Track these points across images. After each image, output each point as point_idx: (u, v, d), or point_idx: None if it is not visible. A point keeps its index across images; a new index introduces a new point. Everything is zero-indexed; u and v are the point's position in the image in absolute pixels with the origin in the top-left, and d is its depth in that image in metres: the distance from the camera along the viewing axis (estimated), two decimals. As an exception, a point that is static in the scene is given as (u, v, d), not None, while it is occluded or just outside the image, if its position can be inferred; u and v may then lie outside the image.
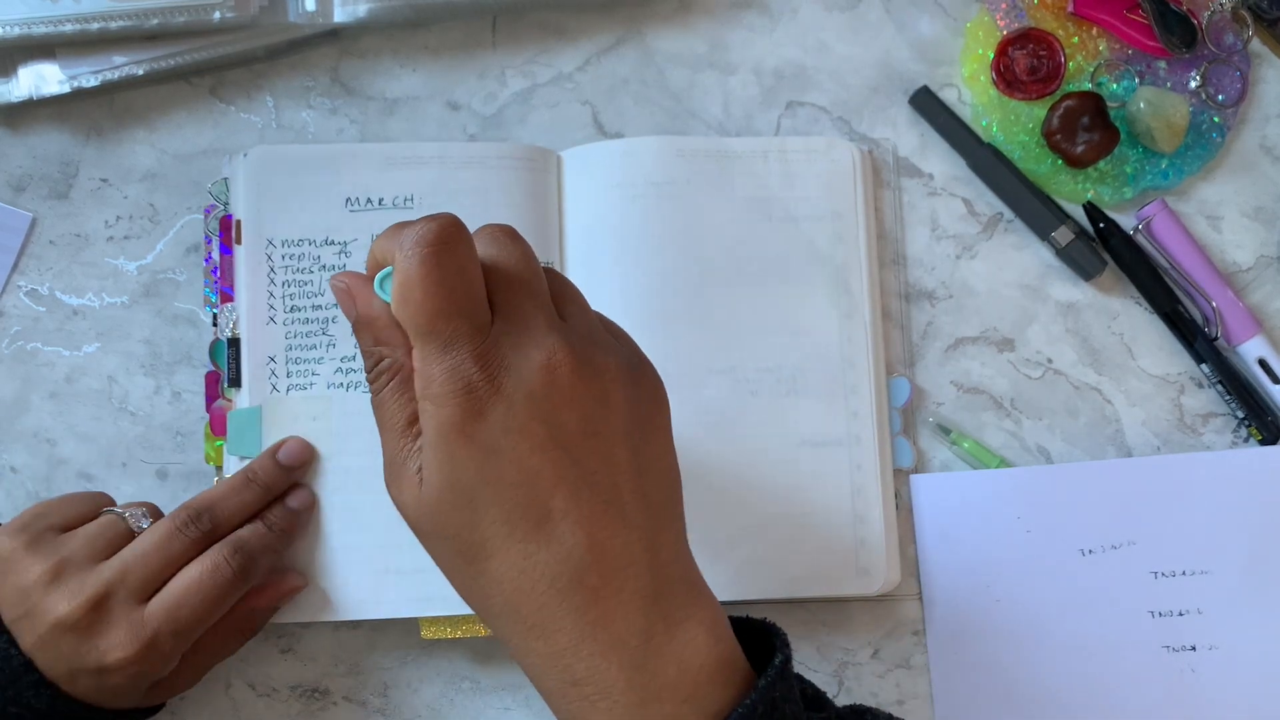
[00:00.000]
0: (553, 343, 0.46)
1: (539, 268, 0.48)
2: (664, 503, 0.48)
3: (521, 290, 0.47)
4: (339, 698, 0.65)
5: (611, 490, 0.46)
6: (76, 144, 0.68)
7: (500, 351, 0.46)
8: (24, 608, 0.55)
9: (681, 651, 0.46)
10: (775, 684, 0.46)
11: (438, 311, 0.45)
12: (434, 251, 0.46)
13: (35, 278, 0.67)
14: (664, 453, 0.49)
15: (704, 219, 0.67)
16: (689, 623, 0.46)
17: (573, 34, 0.70)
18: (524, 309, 0.47)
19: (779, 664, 0.47)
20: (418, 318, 0.46)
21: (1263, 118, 0.71)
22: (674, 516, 0.49)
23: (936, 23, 0.71)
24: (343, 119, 0.69)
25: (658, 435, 0.49)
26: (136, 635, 0.55)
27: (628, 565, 0.45)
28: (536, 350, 0.46)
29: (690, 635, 0.46)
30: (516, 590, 0.45)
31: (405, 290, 0.46)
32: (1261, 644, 0.65)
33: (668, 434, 0.50)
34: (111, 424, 0.66)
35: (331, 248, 0.65)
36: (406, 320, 0.46)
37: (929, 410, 0.68)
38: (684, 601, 0.47)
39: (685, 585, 0.47)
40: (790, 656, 0.49)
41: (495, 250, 0.48)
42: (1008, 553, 0.66)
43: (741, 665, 0.47)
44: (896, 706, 0.66)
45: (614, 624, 0.45)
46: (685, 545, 0.49)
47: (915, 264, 0.69)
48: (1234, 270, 0.70)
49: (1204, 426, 0.69)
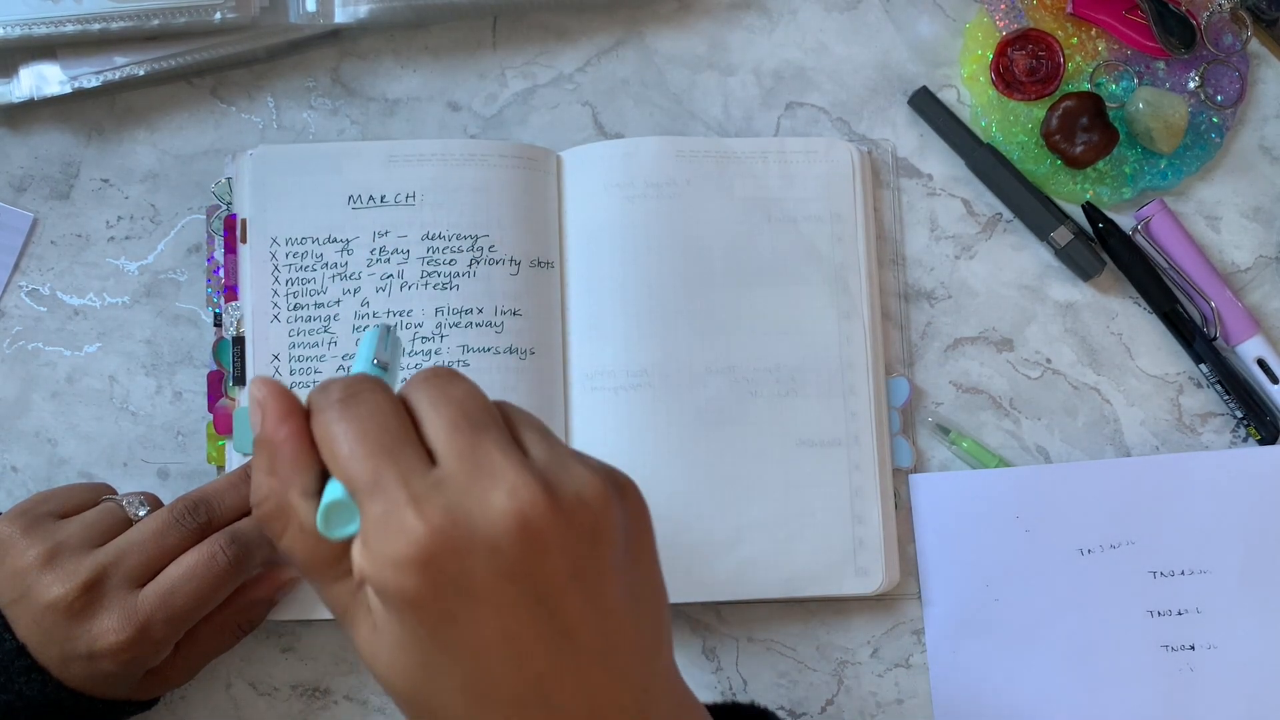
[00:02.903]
0: (517, 481, 0.39)
1: (487, 401, 0.42)
2: (654, 636, 0.43)
3: (468, 427, 0.41)
4: (339, 697, 0.65)
5: (602, 640, 0.41)
6: (78, 144, 0.68)
7: (446, 497, 0.39)
8: (18, 590, 0.55)
9: None
10: None
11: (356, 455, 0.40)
12: (342, 397, 0.41)
13: (36, 278, 0.67)
14: (652, 574, 0.44)
15: (703, 219, 0.67)
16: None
17: (573, 35, 0.71)
18: (476, 447, 0.40)
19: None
20: (346, 471, 0.40)
21: (1261, 118, 0.72)
22: (665, 643, 0.44)
23: (936, 23, 0.72)
24: (343, 119, 0.69)
25: (645, 558, 0.43)
26: (129, 620, 0.55)
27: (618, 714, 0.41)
28: (497, 491, 0.39)
29: None
30: None
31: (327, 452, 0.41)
32: (1260, 643, 0.65)
33: (654, 551, 0.44)
34: (113, 424, 0.66)
35: (334, 245, 0.65)
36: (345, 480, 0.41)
37: (928, 410, 0.68)
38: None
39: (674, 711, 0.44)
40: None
41: (432, 392, 0.42)
42: (1007, 552, 0.66)
43: None
44: (896, 706, 0.66)
45: None
46: (674, 670, 0.45)
47: (914, 264, 0.70)
48: (1232, 270, 0.70)
49: (1202, 426, 0.69)
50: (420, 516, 0.38)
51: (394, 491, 0.39)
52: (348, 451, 0.40)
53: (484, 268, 0.65)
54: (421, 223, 0.65)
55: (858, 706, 0.66)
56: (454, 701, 0.40)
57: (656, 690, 0.43)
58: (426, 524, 0.38)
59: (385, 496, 0.39)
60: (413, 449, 0.40)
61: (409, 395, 0.43)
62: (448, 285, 0.65)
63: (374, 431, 0.40)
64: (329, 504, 0.41)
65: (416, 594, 0.39)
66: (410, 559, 0.38)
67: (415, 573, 0.38)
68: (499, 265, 0.65)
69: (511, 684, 0.40)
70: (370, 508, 0.39)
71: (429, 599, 0.39)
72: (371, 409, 0.41)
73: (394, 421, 0.41)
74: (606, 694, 0.41)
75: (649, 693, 0.42)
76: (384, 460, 0.40)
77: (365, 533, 0.40)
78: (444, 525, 0.38)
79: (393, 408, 0.41)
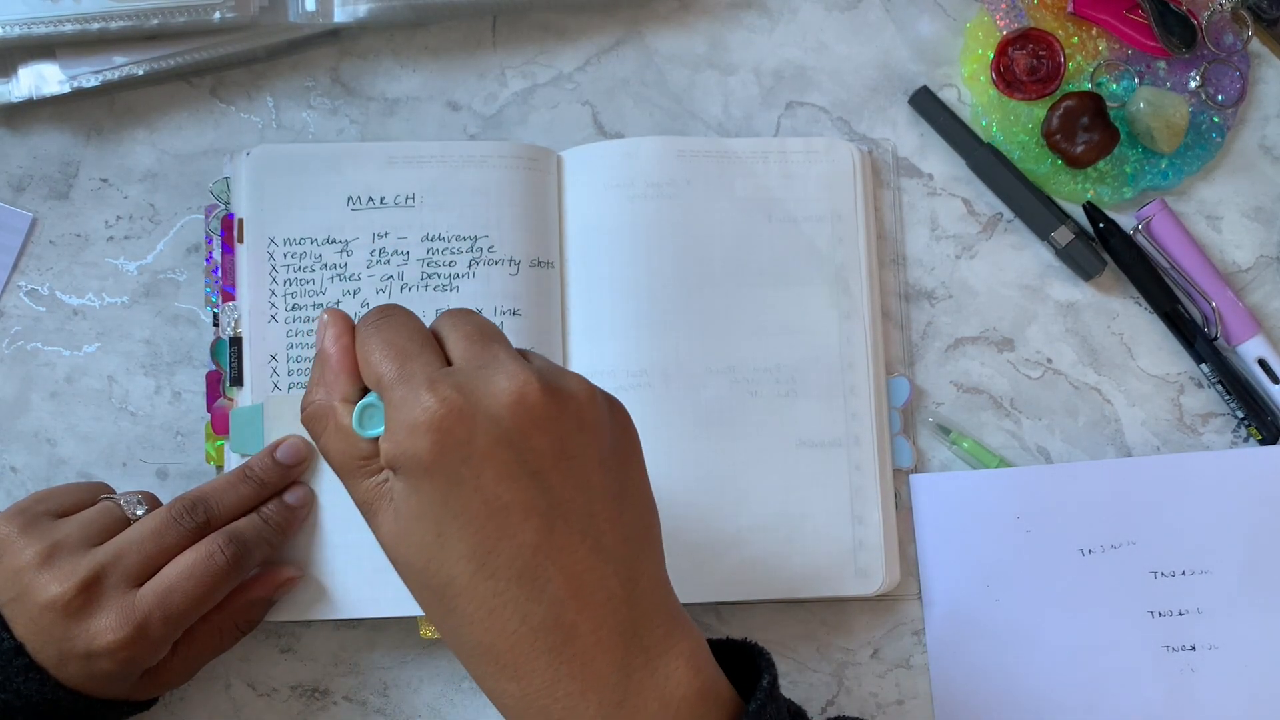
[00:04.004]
0: (519, 369, 0.45)
1: (499, 330, 0.49)
2: (641, 533, 0.47)
3: (480, 337, 0.48)
4: (339, 697, 0.65)
5: (587, 519, 0.45)
6: (77, 144, 0.68)
7: (459, 382, 0.45)
8: (16, 589, 0.55)
9: (662, 685, 0.45)
10: (764, 708, 0.46)
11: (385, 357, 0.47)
12: (376, 317, 0.49)
13: (35, 278, 0.67)
14: (640, 482, 0.48)
15: (704, 219, 0.67)
16: (668, 655, 0.45)
17: (573, 34, 0.71)
18: (486, 349, 0.47)
19: (766, 686, 0.46)
20: (375, 371, 0.47)
21: (1262, 118, 0.71)
22: (652, 548, 0.48)
23: (936, 23, 0.71)
24: (343, 119, 0.69)
25: (633, 465, 0.48)
26: (127, 619, 0.55)
27: (605, 600, 0.45)
28: (501, 376, 0.45)
29: (670, 668, 0.45)
30: (487, 629, 0.44)
31: (363, 359, 0.48)
32: (1261, 644, 0.65)
33: (643, 466, 0.49)
34: (112, 424, 0.66)
35: (333, 246, 0.65)
36: (372, 383, 0.48)
37: (928, 410, 0.68)
38: (663, 634, 0.46)
39: (664, 617, 0.46)
40: (776, 677, 0.48)
41: (453, 318, 0.49)
42: (1007, 553, 0.66)
43: (725, 693, 0.46)
44: (896, 706, 0.66)
45: (592, 662, 0.44)
46: (664, 575, 0.48)
47: (915, 264, 0.70)
48: (1233, 270, 0.70)
49: (1203, 426, 0.69)
50: (433, 394, 0.44)
51: (414, 380, 0.45)
52: (378, 355, 0.47)
53: (484, 268, 0.65)
54: (421, 224, 0.65)
55: (858, 707, 0.66)
56: (461, 569, 0.44)
57: (642, 585, 0.46)
58: (438, 398, 0.44)
59: (406, 384, 0.45)
60: (432, 351, 0.47)
61: (434, 324, 0.50)
62: (447, 286, 0.65)
63: (400, 340, 0.47)
64: (364, 405, 0.48)
65: (429, 455, 0.44)
66: (423, 424, 0.44)
67: (427, 435, 0.44)
68: (499, 266, 0.65)
69: (508, 551, 0.44)
70: (393, 396, 0.46)
71: (439, 460, 0.44)
72: (399, 323, 0.48)
73: (417, 332, 0.48)
74: (591, 574, 0.44)
75: (635, 585, 0.45)
76: (407, 359, 0.46)
77: (389, 420, 0.45)
78: (453, 398, 0.44)
79: (417, 323, 0.49)
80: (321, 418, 0.49)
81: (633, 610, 0.45)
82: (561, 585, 0.44)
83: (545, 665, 0.44)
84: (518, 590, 0.44)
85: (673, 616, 0.47)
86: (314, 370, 0.50)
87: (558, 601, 0.44)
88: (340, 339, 0.50)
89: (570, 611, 0.44)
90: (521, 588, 0.44)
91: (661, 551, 0.48)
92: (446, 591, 0.45)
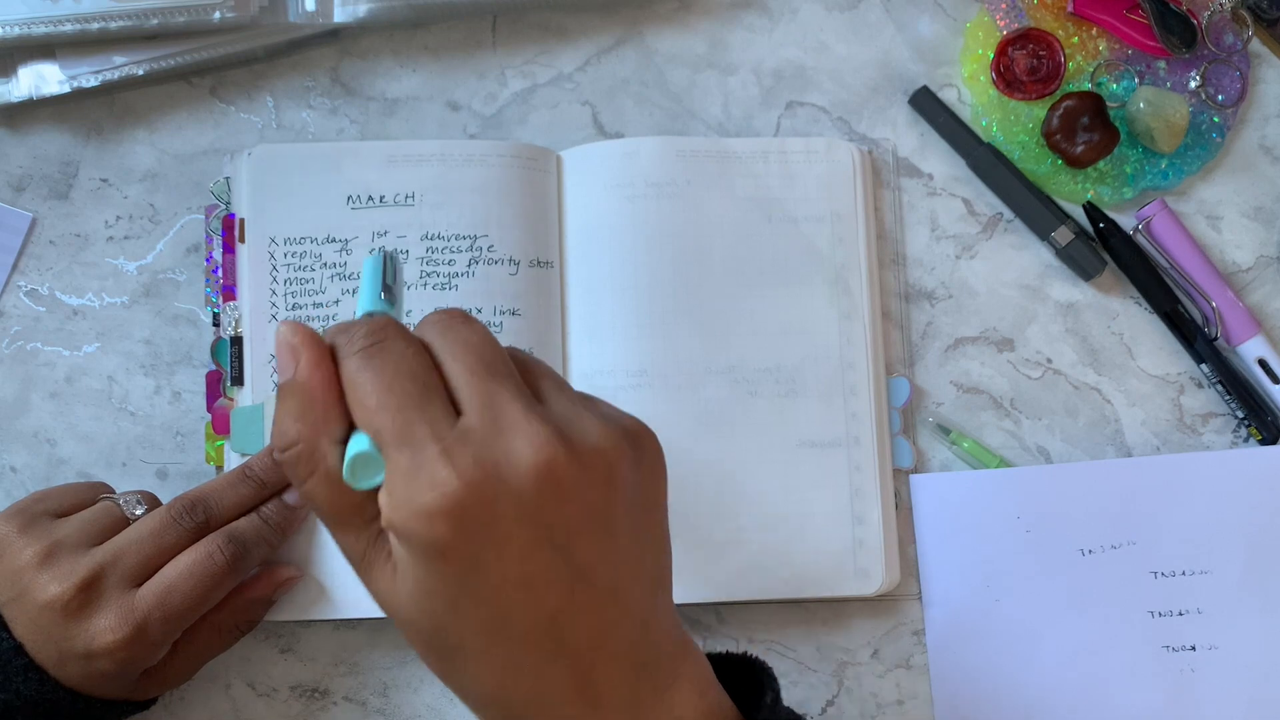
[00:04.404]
0: (540, 433, 0.41)
1: (501, 348, 0.44)
2: (659, 573, 0.46)
3: (486, 374, 0.42)
4: (339, 698, 0.65)
5: (611, 576, 0.43)
6: (77, 144, 0.68)
7: (474, 449, 0.40)
8: (15, 589, 0.55)
9: (669, 713, 0.45)
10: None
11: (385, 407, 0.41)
12: (366, 346, 0.43)
13: (35, 278, 0.67)
14: (661, 521, 0.47)
15: (704, 219, 0.67)
16: (676, 683, 0.45)
17: (573, 34, 0.71)
18: (495, 397, 0.42)
19: (769, 703, 0.47)
20: (374, 422, 0.42)
21: (1262, 118, 0.71)
22: (667, 585, 0.47)
23: (936, 23, 0.71)
24: (343, 119, 0.69)
25: (658, 506, 0.46)
26: (126, 619, 0.55)
27: (625, 649, 0.44)
28: (523, 443, 0.41)
29: (677, 697, 0.45)
30: (499, 687, 0.43)
31: (355, 402, 0.42)
32: (1261, 644, 0.65)
33: (664, 498, 0.47)
34: (111, 424, 0.66)
35: (333, 245, 0.65)
36: (368, 432, 0.42)
37: (929, 410, 0.68)
38: (671, 666, 0.46)
39: (673, 648, 0.46)
40: (779, 692, 0.48)
41: (448, 337, 0.44)
42: (1007, 553, 0.66)
43: (729, 713, 0.46)
44: (896, 707, 0.66)
45: (603, 702, 0.44)
46: (673, 606, 0.47)
47: (915, 264, 0.70)
48: (1234, 270, 0.70)
49: (1204, 426, 0.69)
50: (451, 468, 0.40)
51: (424, 443, 0.40)
52: (375, 403, 0.41)
53: (483, 268, 0.65)
54: (421, 223, 0.65)
55: (858, 707, 0.66)
56: (473, 640, 0.42)
57: (655, 624, 0.45)
58: (459, 476, 0.40)
59: (414, 449, 0.40)
60: (439, 399, 0.42)
61: (426, 338, 0.44)
62: (447, 285, 0.65)
63: (400, 382, 0.42)
64: (356, 456, 0.42)
65: (447, 543, 0.40)
66: (442, 510, 0.40)
67: (446, 523, 0.40)
68: (498, 265, 0.65)
69: (527, 621, 0.42)
70: (398, 459, 0.41)
71: (458, 547, 0.40)
72: (396, 358, 0.42)
73: (420, 371, 0.42)
74: (612, 627, 0.43)
75: (648, 627, 0.45)
76: (412, 413, 0.41)
77: (392, 484, 0.41)
78: (474, 477, 0.40)
79: (416, 355, 0.43)
80: (307, 463, 0.43)
81: (647, 652, 0.45)
82: (581, 641, 0.43)
83: (558, 711, 0.44)
84: (535, 654, 0.43)
85: (679, 645, 0.46)
86: (284, 402, 0.44)
87: (576, 655, 0.43)
88: (320, 367, 0.43)
89: (587, 663, 0.43)
90: (540, 651, 0.43)
91: (670, 584, 0.47)
92: (455, 656, 0.43)
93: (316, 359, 0.43)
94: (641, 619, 0.44)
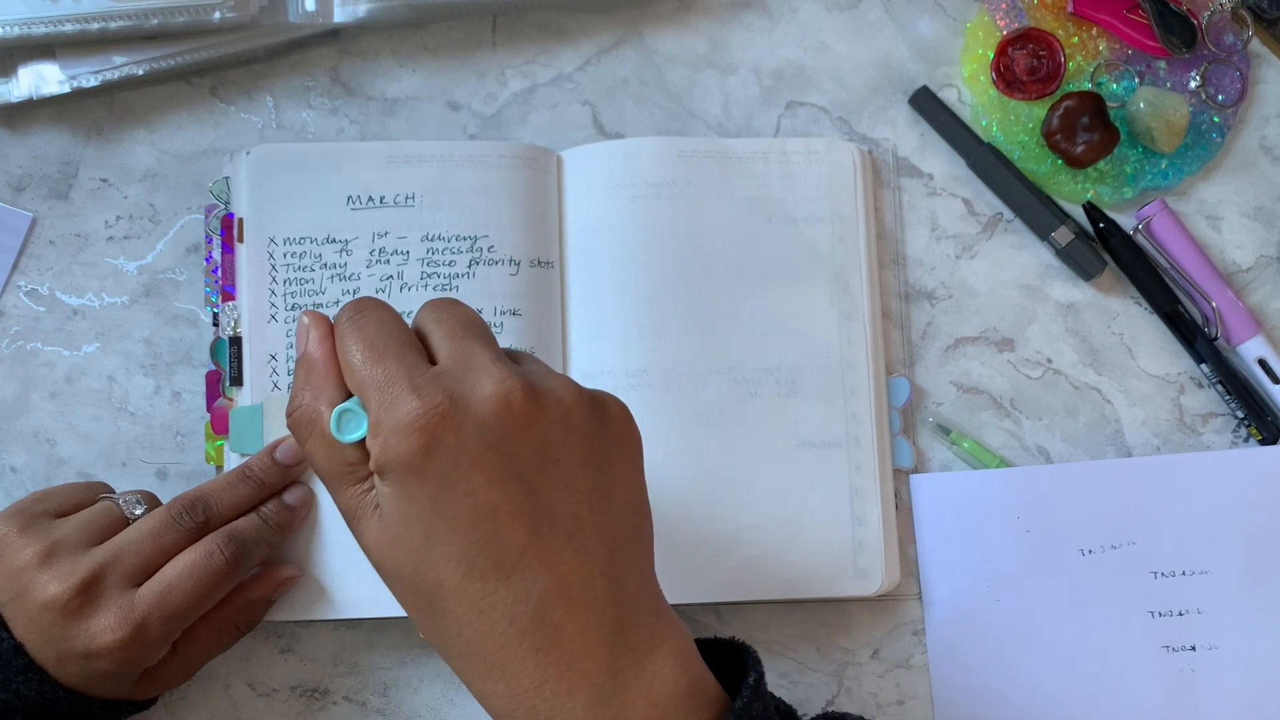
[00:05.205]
0: (502, 372, 0.46)
1: (483, 321, 0.49)
2: (630, 534, 0.47)
3: (465, 335, 0.48)
4: (339, 698, 0.65)
5: (573, 521, 0.46)
6: (76, 144, 0.68)
7: (444, 385, 0.45)
8: (15, 589, 0.55)
9: (649, 684, 0.45)
10: (751, 704, 0.46)
11: (368, 360, 0.46)
12: (352, 314, 0.49)
13: (35, 278, 0.67)
14: (631, 483, 0.48)
15: (704, 220, 0.67)
16: (655, 654, 0.46)
17: (573, 34, 0.71)
18: (469, 349, 0.47)
19: (752, 683, 0.47)
20: (358, 375, 0.47)
21: (1262, 118, 0.71)
22: (640, 549, 0.48)
23: (936, 23, 0.71)
24: (343, 119, 0.69)
25: (623, 465, 0.48)
26: (126, 619, 0.55)
27: (591, 600, 0.45)
28: (485, 379, 0.45)
29: (657, 666, 0.46)
30: (476, 630, 0.45)
31: (344, 361, 0.48)
32: (1261, 644, 0.65)
33: (634, 466, 0.49)
34: (111, 424, 0.66)
35: (333, 246, 0.65)
36: (354, 386, 0.47)
37: (929, 410, 0.68)
38: (649, 633, 0.46)
39: (651, 615, 0.47)
40: (763, 674, 0.48)
41: (436, 312, 0.49)
42: (1007, 553, 0.66)
43: (712, 690, 0.47)
44: (896, 707, 0.66)
45: (579, 661, 0.45)
46: (652, 575, 0.48)
47: (915, 264, 0.70)
48: (1234, 270, 0.70)
49: (1204, 426, 0.69)
50: (419, 397, 0.45)
51: (398, 383, 0.45)
52: (359, 359, 0.47)
53: (483, 268, 0.65)
54: (421, 223, 0.65)
55: (858, 707, 0.66)
56: (450, 572, 0.45)
57: (627, 586, 0.46)
58: (425, 401, 0.45)
59: (391, 387, 0.45)
60: (414, 350, 0.47)
61: (417, 319, 0.50)
62: (447, 286, 0.65)
63: (380, 339, 0.47)
64: (340, 410, 0.47)
65: (419, 458, 0.44)
66: (412, 425, 0.44)
67: (416, 437, 0.44)
68: (498, 266, 0.65)
69: (497, 553, 0.44)
70: (378, 400, 0.46)
71: (429, 464, 0.44)
72: (376, 320, 0.48)
73: (396, 328, 0.48)
74: (577, 575, 0.45)
75: (622, 585, 0.46)
76: (390, 361, 0.46)
77: (376, 423, 0.45)
78: (440, 402, 0.45)
79: (394, 317, 0.49)
80: (308, 423, 0.49)
81: (619, 610, 0.46)
82: (548, 586, 0.45)
83: (532, 666, 0.44)
84: (505, 591, 0.44)
85: (659, 615, 0.47)
86: (297, 373, 0.50)
87: (544, 602, 0.44)
88: (324, 342, 0.49)
89: (557, 612, 0.45)
90: (509, 589, 0.44)
91: (651, 551, 0.49)
92: (435, 595, 0.45)
93: (322, 335, 0.49)
94: (612, 576, 0.46)
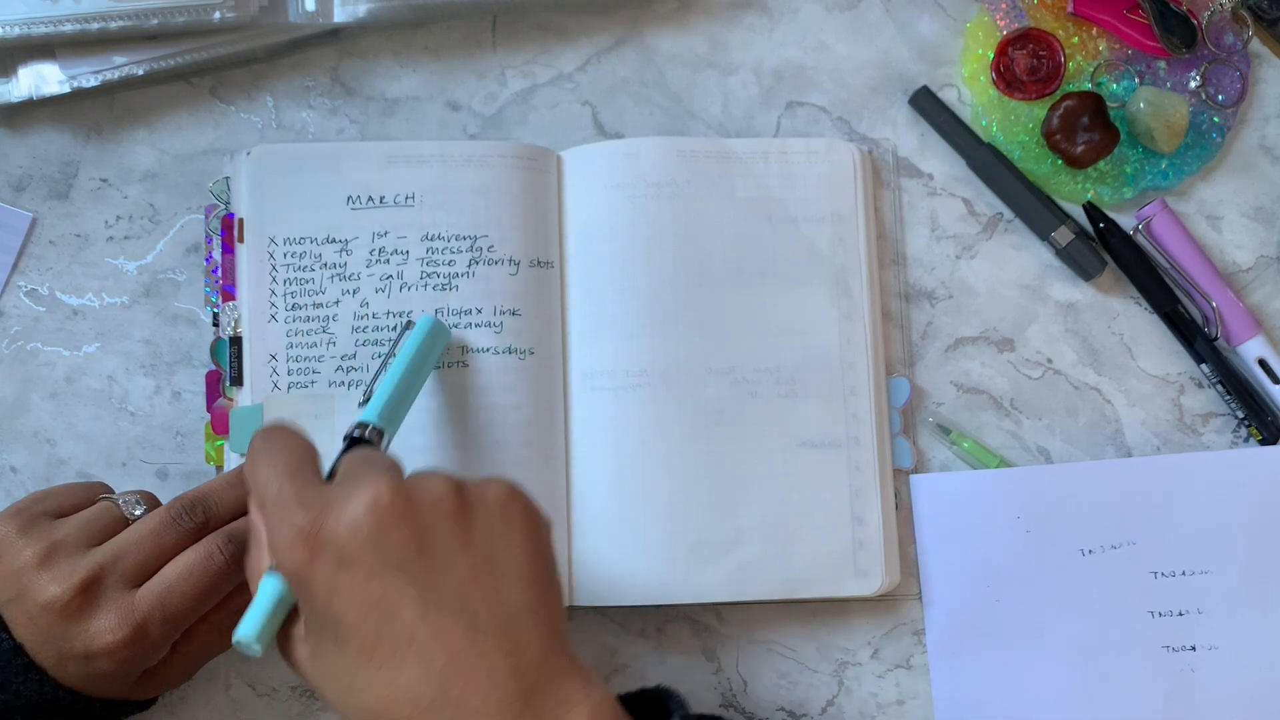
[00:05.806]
0: (376, 480, 0.48)
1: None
2: (525, 605, 0.49)
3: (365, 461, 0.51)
4: (339, 698, 0.65)
5: (459, 601, 0.47)
6: (76, 144, 0.68)
7: (326, 499, 0.48)
8: (15, 590, 0.55)
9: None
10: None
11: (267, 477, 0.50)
12: (259, 436, 0.53)
13: (35, 278, 0.67)
14: (522, 558, 0.50)
15: (704, 220, 0.67)
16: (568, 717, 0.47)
17: (573, 34, 0.71)
18: (365, 470, 0.50)
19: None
20: (257, 490, 0.51)
21: (1262, 118, 0.71)
22: (541, 618, 0.49)
23: (936, 23, 0.71)
24: (343, 119, 0.69)
25: (509, 542, 0.50)
26: (126, 619, 0.54)
27: (489, 672, 0.46)
28: (359, 487, 0.48)
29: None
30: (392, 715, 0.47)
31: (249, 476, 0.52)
32: (1261, 644, 0.65)
33: (526, 541, 0.50)
34: (111, 424, 0.66)
35: (333, 245, 0.65)
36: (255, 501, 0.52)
37: (929, 410, 0.68)
38: (558, 700, 0.47)
39: (560, 682, 0.48)
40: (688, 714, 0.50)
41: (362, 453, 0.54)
42: (1007, 553, 0.66)
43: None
44: (897, 707, 0.66)
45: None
46: (559, 643, 0.49)
47: (915, 264, 0.69)
48: (1234, 270, 0.70)
49: (1204, 426, 0.69)
50: (304, 510, 0.48)
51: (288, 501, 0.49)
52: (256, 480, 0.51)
53: (483, 268, 0.65)
54: (421, 223, 0.65)
55: (858, 707, 0.66)
56: (358, 666, 0.47)
57: (532, 655, 0.48)
58: (307, 513, 0.48)
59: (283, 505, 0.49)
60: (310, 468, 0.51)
61: None
62: (447, 286, 0.65)
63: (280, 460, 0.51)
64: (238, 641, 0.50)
65: (304, 570, 0.47)
66: (294, 540, 0.48)
67: (301, 548, 0.48)
68: (498, 265, 0.65)
69: (390, 639, 0.47)
70: (271, 517, 0.49)
71: (314, 574, 0.47)
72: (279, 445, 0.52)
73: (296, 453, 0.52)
74: (470, 650, 0.47)
75: (521, 655, 0.47)
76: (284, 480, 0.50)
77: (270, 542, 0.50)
78: (318, 513, 0.48)
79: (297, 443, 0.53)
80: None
81: (521, 680, 0.47)
82: (445, 664, 0.46)
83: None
84: (407, 674, 0.46)
85: (570, 679, 0.48)
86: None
87: (444, 679, 0.46)
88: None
89: (456, 687, 0.46)
90: (410, 671, 0.46)
91: (557, 619, 0.50)
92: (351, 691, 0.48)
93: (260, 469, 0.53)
94: (509, 648, 0.47)
